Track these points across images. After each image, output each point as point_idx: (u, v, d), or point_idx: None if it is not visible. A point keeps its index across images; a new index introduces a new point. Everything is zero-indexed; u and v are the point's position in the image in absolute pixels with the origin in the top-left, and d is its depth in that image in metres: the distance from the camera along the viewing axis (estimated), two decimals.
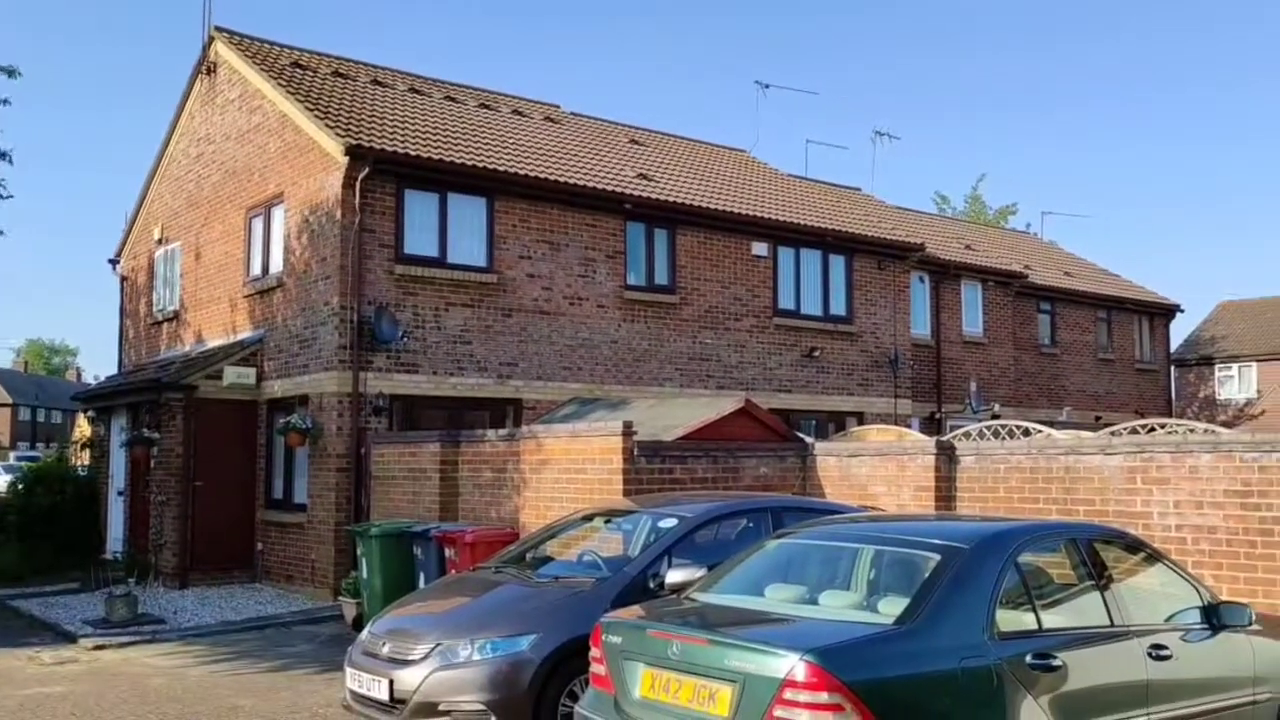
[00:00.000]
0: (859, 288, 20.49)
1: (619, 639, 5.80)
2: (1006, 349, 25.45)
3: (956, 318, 24.25)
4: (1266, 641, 7.03)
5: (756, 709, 5.01)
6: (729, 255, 18.52)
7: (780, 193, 21.57)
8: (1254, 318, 46.30)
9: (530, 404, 15.89)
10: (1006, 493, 10.18)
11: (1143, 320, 30.53)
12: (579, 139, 19.85)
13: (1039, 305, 27.08)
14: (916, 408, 22.21)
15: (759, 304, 18.86)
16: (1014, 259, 27.57)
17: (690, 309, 17.93)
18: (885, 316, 20.89)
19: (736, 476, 11.32)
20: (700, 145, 23.76)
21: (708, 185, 19.80)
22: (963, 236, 28.21)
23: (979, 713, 5.27)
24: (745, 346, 18.62)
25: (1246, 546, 8.47)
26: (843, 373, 20.11)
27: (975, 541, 5.92)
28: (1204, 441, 8.92)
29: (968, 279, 24.62)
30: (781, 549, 6.72)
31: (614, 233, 17.07)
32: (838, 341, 20.07)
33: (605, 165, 18.43)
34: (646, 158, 20.37)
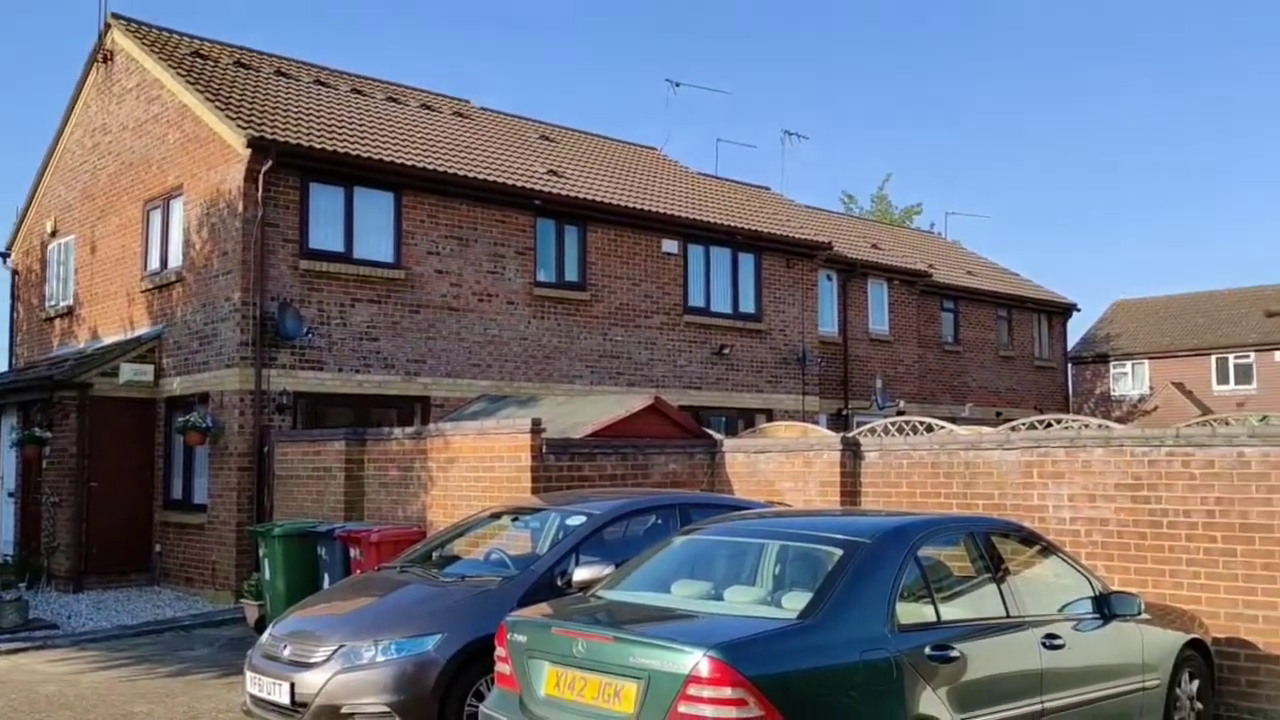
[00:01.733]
0: (768, 286, 20.69)
1: (524, 638, 5.77)
2: (911, 346, 25.94)
3: (863, 316, 24.64)
4: (1155, 630, 7.28)
5: (661, 705, 5.03)
6: (639, 253, 18.56)
7: (691, 191, 21.68)
8: (1147, 317, 47.92)
9: (438, 401, 15.73)
10: (909, 487, 10.37)
11: (1041, 319, 31.38)
12: (489, 134, 19.70)
13: (943, 304, 27.66)
14: (824, 404, 22.52)
15: (669, 301, 18.94)
16: (919, 258, 28.12)
17: (600, 306, 17.92)
18: (794, 314, 21.13)
19: (646, 473, 11.35)
20: (611, 142, 23.77)
21: (619, 182, 19.82)
22: (869, 236, 28.68)
23: (880, 704, 5.36)
24: (655, 344, 18.68)
25: (1136, 538, 8.74)
26: (752, 370, 20.29)
27: (876, 536, 6.02)
28: (1097, 437, 9.18)
29: (874, 278, 25.04)
30: (688, 545, 6.75)
31: (524, 229, 16.99)
32: (747, 339, 20.24)
33: (515, 161, 18.32)
34: (557, 154, 20.31)
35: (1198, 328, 45.55)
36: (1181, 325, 46.21)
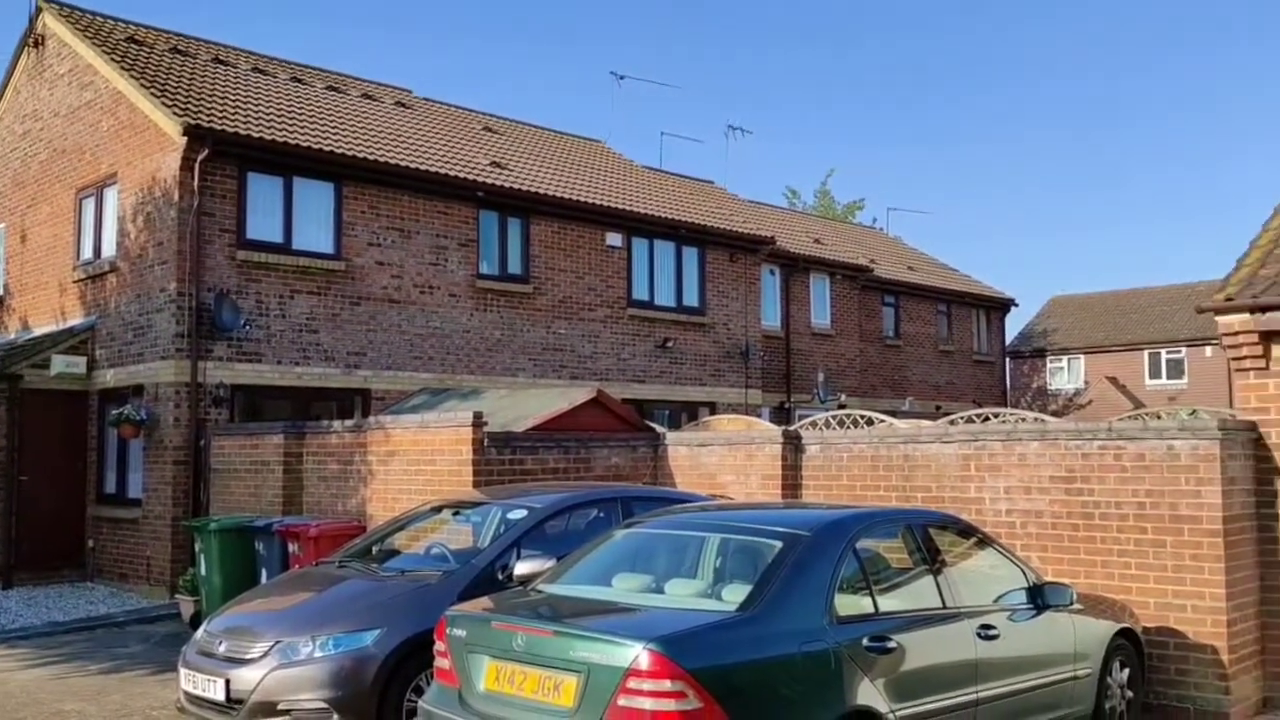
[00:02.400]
0: (711, 279, 20.76)
1: (463, 632, 5.74)
2: (853, 341, 26.18)
3: (805, 310, 24.82)
4: (1087, 619, 7.43)
5: (600, 699, 5.03)
6: (583, 245, 18.53)
7: (635, 184, 21.68)
8: (1083, 312, 48.78)
9: (379, 394, 15.59)
10: (849, 480, 10.45)
11: (980, 314, 31.82)
12: (431, 125, 19.54)
13: (884, 298, 27.94)
14: (767, 398, 22.66)
15: (613, 294, 18.93)
16: (861, 253, 28.37)
17: (544, 299, 17.87)
18: (737, 308, 21.23)
19: (588, 467, 11.33)
20: (555, 135, 23.69)
21: (563, 175, 19.76)
22: (812, 230, 28.87)
23: (818, 695, 5.41)
24: (599, 337, 18.66)
25: (1070, 530, 8.89)
26: (695, 363, 20.35)
27: (815, 529, 6.06)
28: (1032, 430, 9.32)
29: (816, 272, 25.23)
30: (629, 539, 6.76)
31: (466, 221, 16.88)
32: (690, 332, 20.30)
33: (458, 152, 18.19)
34: (501, 145, 20.20)
35: (1132, 323, 46.46)
36: (1116, 321, 47.11)
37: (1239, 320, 9.04)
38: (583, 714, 5.08)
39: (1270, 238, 10.02)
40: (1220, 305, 9.18)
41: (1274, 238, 10.00)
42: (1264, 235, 10.12)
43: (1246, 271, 9.54)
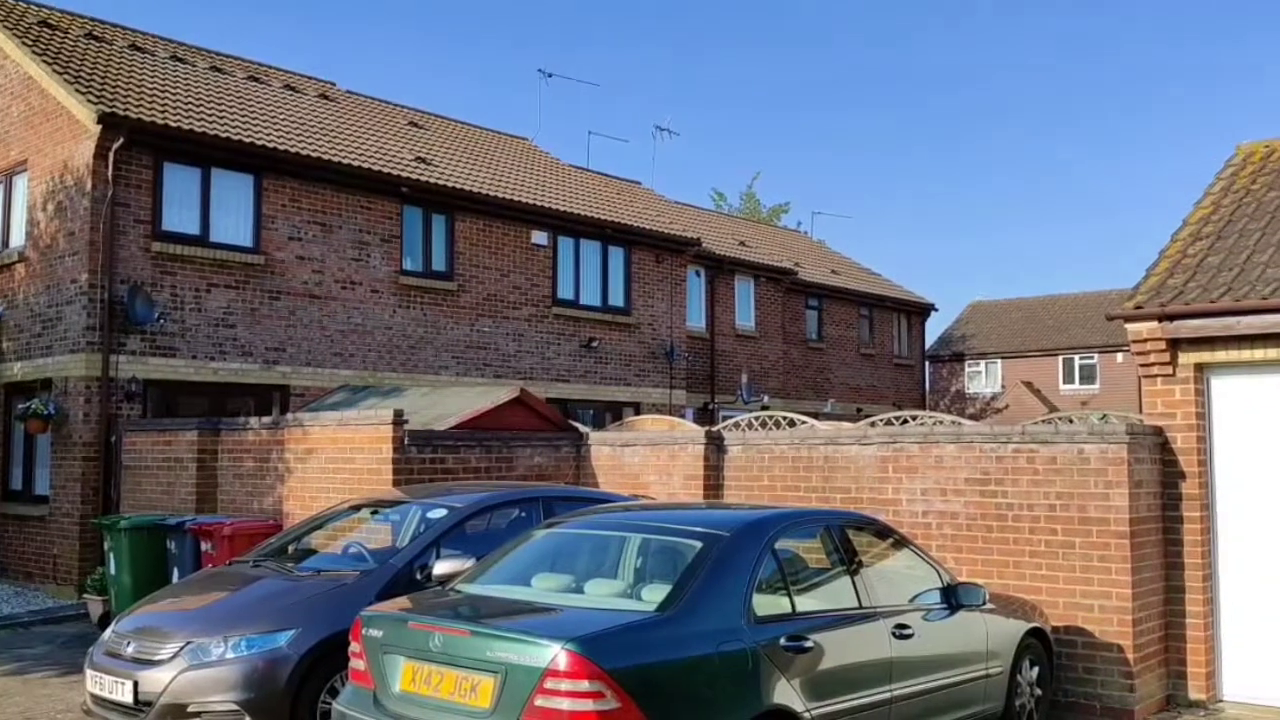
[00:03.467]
0: (637, 280, 20.79)
1: (379, 632, 5.66)
2: (777, 343, 26.41)
3: (730, 311, 24.98)
4: (998, 619, 7.58)
5: (518, 699, 5.00)
6: (508, 243, 18.43)
7: (561, 182, 21.62)
8: (1001, 317, 49.83)
9: (298, 391, 15.34)
10: (771, 481, 10.54)
11: (901, 318, 32.32)
12: (355, 118, 19.28)
13: (808, 301, 28.24)
14: (691, 398, 22.76)
15: (538, 293, 18.86)
16: (785, 256, 28.64)
17: (468, 296, 17.74)
18: (662, 309, 21.29)
19: (510, 466, 11.27)
20: (481, 131, 23.53)
21: (488, 172, 19.63)
22: (738, 233, 29.07)
23: (735, 695, 5.44)
24: (524, 335, 18.58)
25: (984, 531, 9.07)
26: (620, 363, 20.36)
27: (735, 529, 6.10)
28: (949, 433, 9.49)
29: (741, 274, 25.40)
30: (549, 538, 6.73)
31: (390, 216, 16.69)
32: (616, 332, 20.31)
33: (382, 147, 17.98)
34: (426, 141, 20.00)
35: (1047, 329, 47.57)
36: (1032, 327, 48.19)
37: (1147, 328, 9.30)
38: (500, 715, 5.04)
39: (1179, 248, 10.32)
40: (1129, 313, 9.42)
41: (1182, 248, 10.30)
42: (1173, 245, 10.41)
43: (1155, 280, 9.81)
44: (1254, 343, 8.94)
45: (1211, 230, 10.46)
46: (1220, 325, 8.97)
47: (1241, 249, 9.89)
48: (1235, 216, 10.60)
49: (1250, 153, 12.02)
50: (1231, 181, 11.45)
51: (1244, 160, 11.88)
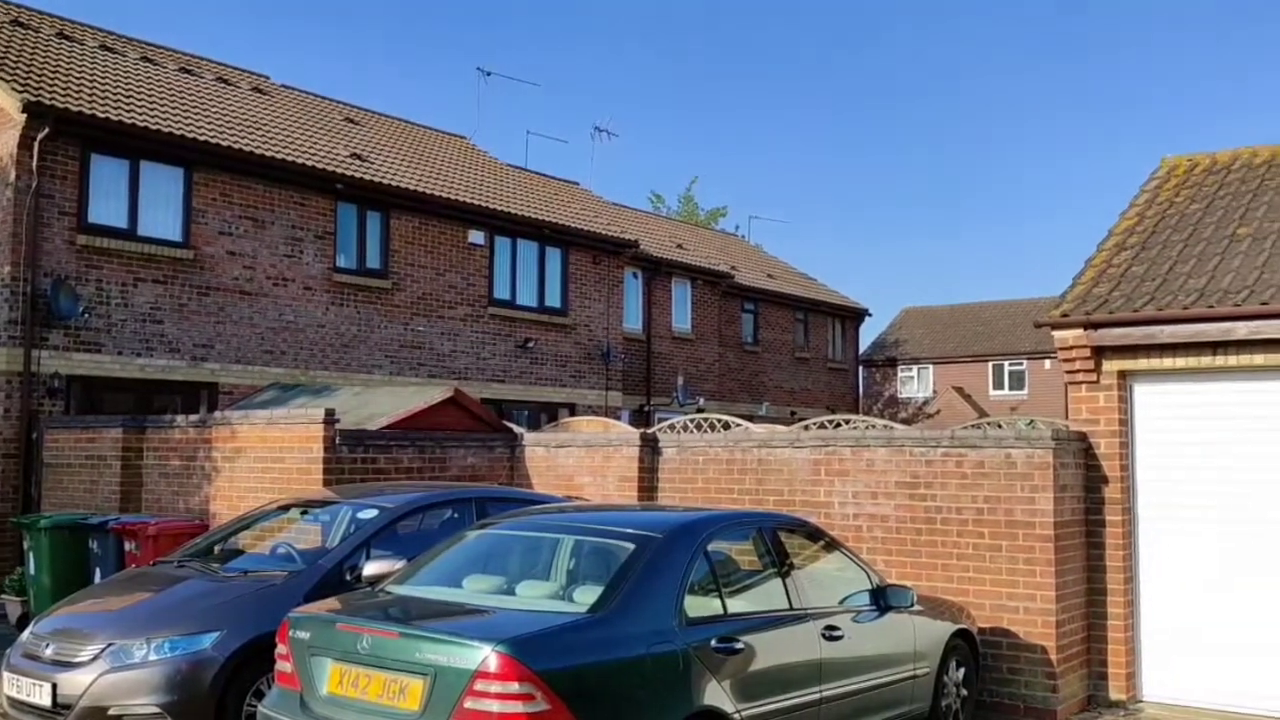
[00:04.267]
0: (574, 281, 20.76)
1: (307, 634, 5.59)
2: (713, 345, 26.53)
3: (667, 314, 25.05)
4: (926, 620, 7.68)
5: (447, 701, 4.96)
6: (445, 242, 18.30)
7: (499, 182, 21.52)
8: (933, 323, 50.56)
9: (227, 388, 15.08)
10: (705, 483, 10.59)
11: (836, 322, 32.65)
12: (289, 113, 19.01)
13: (744, 305, 28.41)
14: (627, 400, 22.78)
15: (474, 293, 18.75)
16: (722, 260, 28.78)
17: (403, 295, 17.58)
18: (599, 310, 21.28)
19: (444, 466, 11.19)
20: (419, 128, 23.34)
21: (425, 170, 19.47)
22: (675, 235, 29.16)
23: (666, 696, 5.45)
24: (459, 335, 18.46)
25: (913, 534, 9.20)
26: (556, 364, 20.32)
27: (667, 531, 6.11)
28: (880, 437, 9.60)
29: (678, 277, 25.48)
30: (481, 540, 6.70)
31: (324, 213, 16.48)
32: (552, 333, 20.26)
33: (317, 142, 17.75)
34: (362, 137, 19.79)
35: (978, 335, 48.36)
36: (963, 333, 48.96)
37: (1073, 335, 9.50)
38: (428, 717, 5.00)
39: (1104, 257, 10.56)
40: (1056, 320, 9.61)
41: (1108, 257, 10.53)
42: (1099, 255, 10.65)
43: (1081, 289, 10.02)
44: (1175, 351, 9.17)
45: (1136, 241, 10.71)
46: (1142, 334, 9.19)
47: (1164, 260, 10.14)
48: (1159, 228, 10.87)
49: (1174, 166, 12.33)
50: (1156, 194, 11.74)
51: (1168, 173, 12.18)
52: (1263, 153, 11.88)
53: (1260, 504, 8.89)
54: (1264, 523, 8.86)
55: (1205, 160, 12.17)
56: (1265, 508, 8.86)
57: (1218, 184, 11.49)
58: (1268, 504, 8.85)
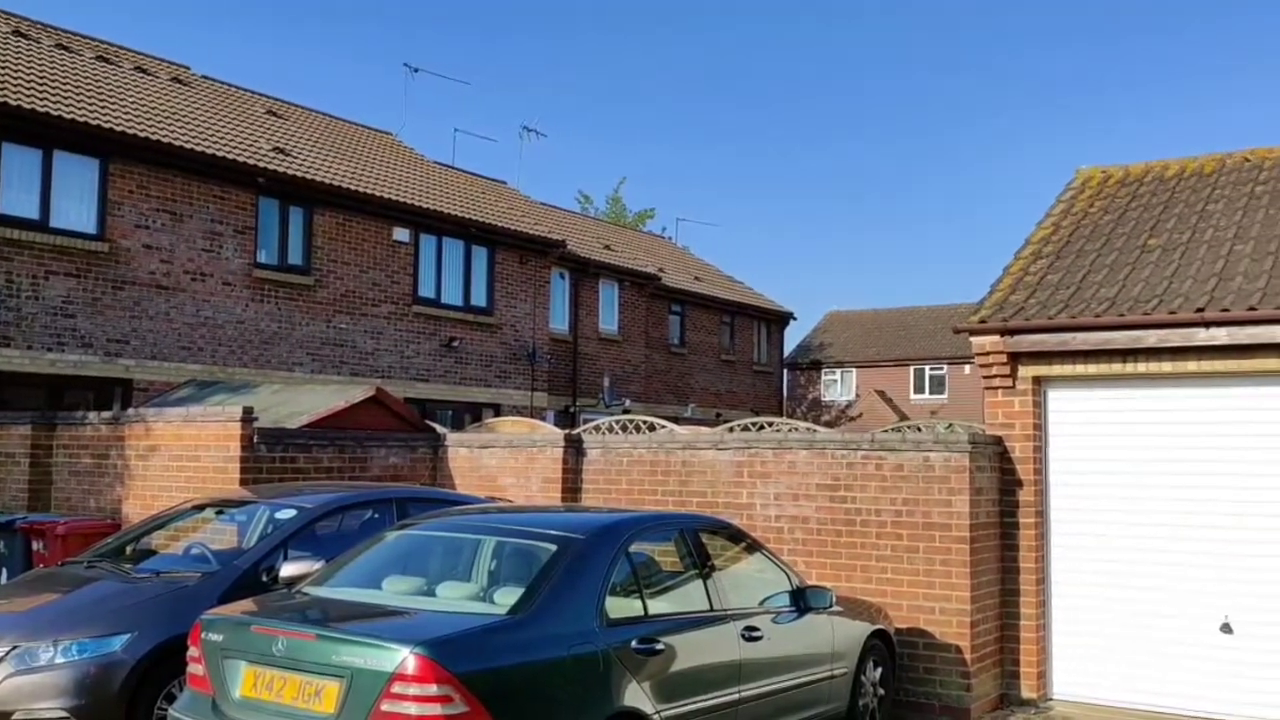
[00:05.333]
0: (500, 280, 20.66)
1: (220, 636, 5.49)
2: (639, 347, 26.58)
3: (594, 315, 25.04)
4: (845, 621, 7.79)
5: (363, 704, 4.92)
6: (369, 239, 18.09)
7: (426, 179, 21.34)
8: (857, 328, 51.21)
9: (142, 385, 14.74)
10: (629, 485, 10.61)
11: (761, 325, 32.93)
12: (210, 105, 18.64)
13: (670, 307, 28.52)
14: (553, 400, 22.72)
15: (398, 291, 18.56)
16: (650, 261, 28.85)
17: (325, 292, 17.34)
18: (525, 310, 21.20)
19: (365, 466, 11.06)
20: (344, 124, 23.03)
21: (350, 165, 19.23)
22: (603, 236, 29.17)
23: (586, 698, 5.45)
24: (382, 333, 18.26)
25: (834, 535, 9.31)
26: (481, 364, 20.19)
27: (589, 533, 6.12)
28: (802, 439, 9.71)
29: (606, 278, 25.49)
30: (402, 540, 6.64)
31: (245, 207, 16.19)
32: (477, 333, 20.13)
33: (238, 135, 17.43)
34: (285, 131, 19.47)
35: (900, 340, 49.08)
36: (886, 337, 49.66)
37: (990, 341, 9.69)
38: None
39: (1021, 265, 10.79)
40: (974, 327, 9.81)
41: (1025, 266, 10.77)
42: (1016, 263, 10.88)
43: (999, 296, 10.23)
44: (1087, 358, 9.41)
45: (1052, 250, 10.97)
46: (1057, 341, 9.41)
47: (1078, 269, 10.40)
48: (1073, 238, 11.14)
49: (1088, 177, 12.65)
50: (1071, 204, 12.03)
51: (1083, 184, 12.49)
52: (1173, 166, 12.24)
53: (1166, 508, 9.16)
54: (1169, 526, 9.13)
55: (1118, 172, 12.51)
56: (1171, 512, 9.13)
57: (1130, 196, 11.82)
58: (1173, 508, 9.13)
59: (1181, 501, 9.10)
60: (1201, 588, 8.95)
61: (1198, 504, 9.03)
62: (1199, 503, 9.03)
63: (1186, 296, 9.19)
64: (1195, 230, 10.56)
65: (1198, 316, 8.83)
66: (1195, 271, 9.67)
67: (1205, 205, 11.06)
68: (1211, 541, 8.95)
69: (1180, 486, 9.12)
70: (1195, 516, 9.03)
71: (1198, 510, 9.03)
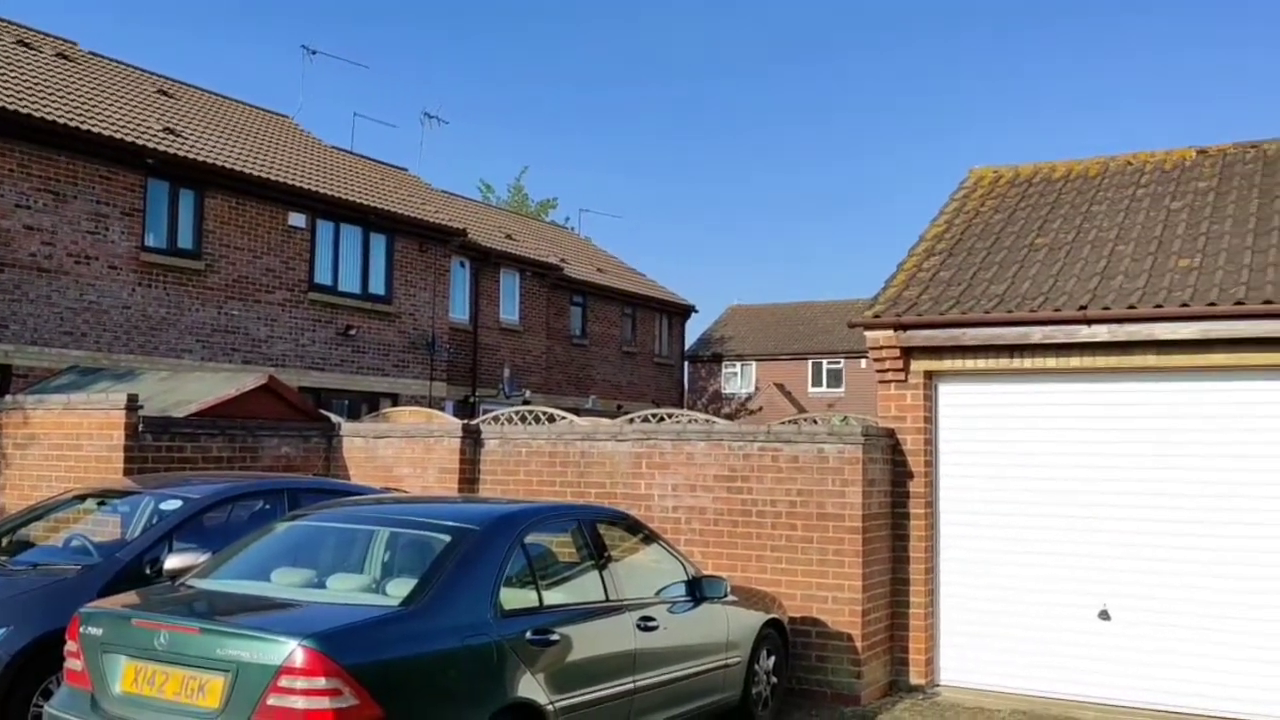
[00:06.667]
0: (400, 268, 20.37)
1: (99, 630, 5.32)
2: (540, 338, 26.47)
3: (495, 305, 24.85)
4: (739, 610, 7.87)
5: (249, 699, 4.81)
6: (263, 224, 17.66)
7: (323, 164, 20.91)
8: (757, 321, 51.81)
9: (21, 371, 14.17)
10: (527, 475, 10.57)
11: (663, 318, 33.06)
12: (97, 82, 17.98)
13: (572, 298, 28.45)
14: (452, 391, 22.50)
15: (294, 277, 18.17)
16: (552, 252, 28.73)
17: (217, 277, 16.88)
18: (425, 299, 20.94)
19: (256, 456, 10.82)
20: (239, 105, 22.43)
21: (244, 148, 18.74)
22: (505, 226, 28.96)
23: (479, 689, 5.42)
24: (277, 321, 17.85)
25: (730, 526, 9.40)
26: (379, 353, 19.89)
27: (485, 523, 6.08)
28: (700, 431, 9.78)
29: (507, 268, 25.32)
30: (292, 531, 6.51)
31: (133, 189, 15.66)
32: (375, 321, 19.83)
33: (127, 114, 16.85)
34: (176, 111, 18.89)
35: (799, 334, 49.81)
36: (785, 331, 50.34)
37: (884, 336, 9.88)
38: (228, 715, 4.84)
39: (915, 262, 11.02)
40: (869, 322, 9.99)
41: (918, 262, 11.00)
42: (910, 259, 11.10)
43: (893, 292, 10.44)
44: (976, 353, 9.65)
45: (944, 247, 11.22)
46: (947, 336, 9.64)
47: (970, 266, 10.66)
48: (965, 235, 11.42)
49: (981, 177, 12.97)
50: (963, 203, 12.32)
51: (975, 183, 12.81)
52: (1060, 168, 12.62)
53: (1050, 500, 9.45)
54: (1053, 517, 9.43)
55: (1009, 173, 12.85)
56: (1054, 504, 9.43)
57: (1019, 196, 12.15)
58: (1057, 500, 9.42)
59: (1065, 494, 9.40)
60: (1083, 576, 9.27)
61: (1080, 496, 9.34)
62: (1082, 494, 9.34)
63: (1071, 295, 9.48)
64: (1080, 230, 10.90)
65: (1080, 314, 9.12)
66: (1080, 270, 9.98)
67: (1090, 206, 11.43)
68: (1093, 532, 9.26)
69: (1064, 479, 9.42)
70: (1078, 508, 9.33)
71: (1080, 502, 9.33)
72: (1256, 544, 8.71)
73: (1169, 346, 8.91)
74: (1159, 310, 8.84)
